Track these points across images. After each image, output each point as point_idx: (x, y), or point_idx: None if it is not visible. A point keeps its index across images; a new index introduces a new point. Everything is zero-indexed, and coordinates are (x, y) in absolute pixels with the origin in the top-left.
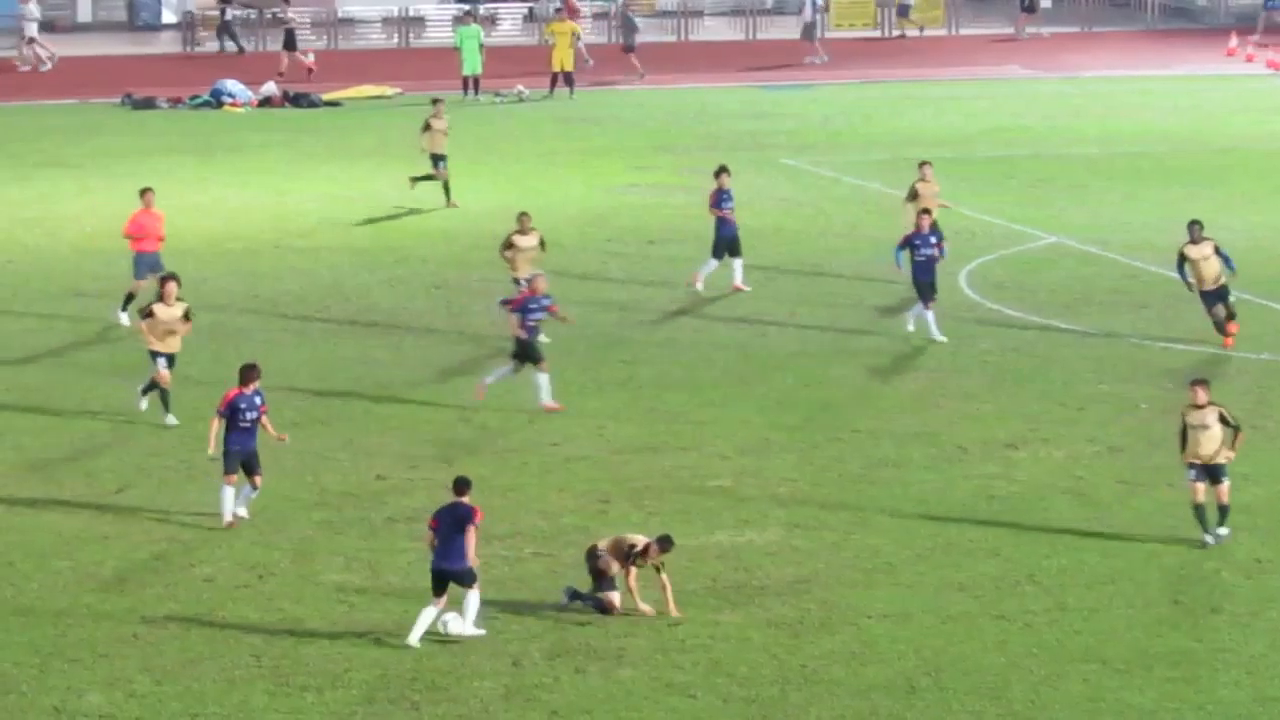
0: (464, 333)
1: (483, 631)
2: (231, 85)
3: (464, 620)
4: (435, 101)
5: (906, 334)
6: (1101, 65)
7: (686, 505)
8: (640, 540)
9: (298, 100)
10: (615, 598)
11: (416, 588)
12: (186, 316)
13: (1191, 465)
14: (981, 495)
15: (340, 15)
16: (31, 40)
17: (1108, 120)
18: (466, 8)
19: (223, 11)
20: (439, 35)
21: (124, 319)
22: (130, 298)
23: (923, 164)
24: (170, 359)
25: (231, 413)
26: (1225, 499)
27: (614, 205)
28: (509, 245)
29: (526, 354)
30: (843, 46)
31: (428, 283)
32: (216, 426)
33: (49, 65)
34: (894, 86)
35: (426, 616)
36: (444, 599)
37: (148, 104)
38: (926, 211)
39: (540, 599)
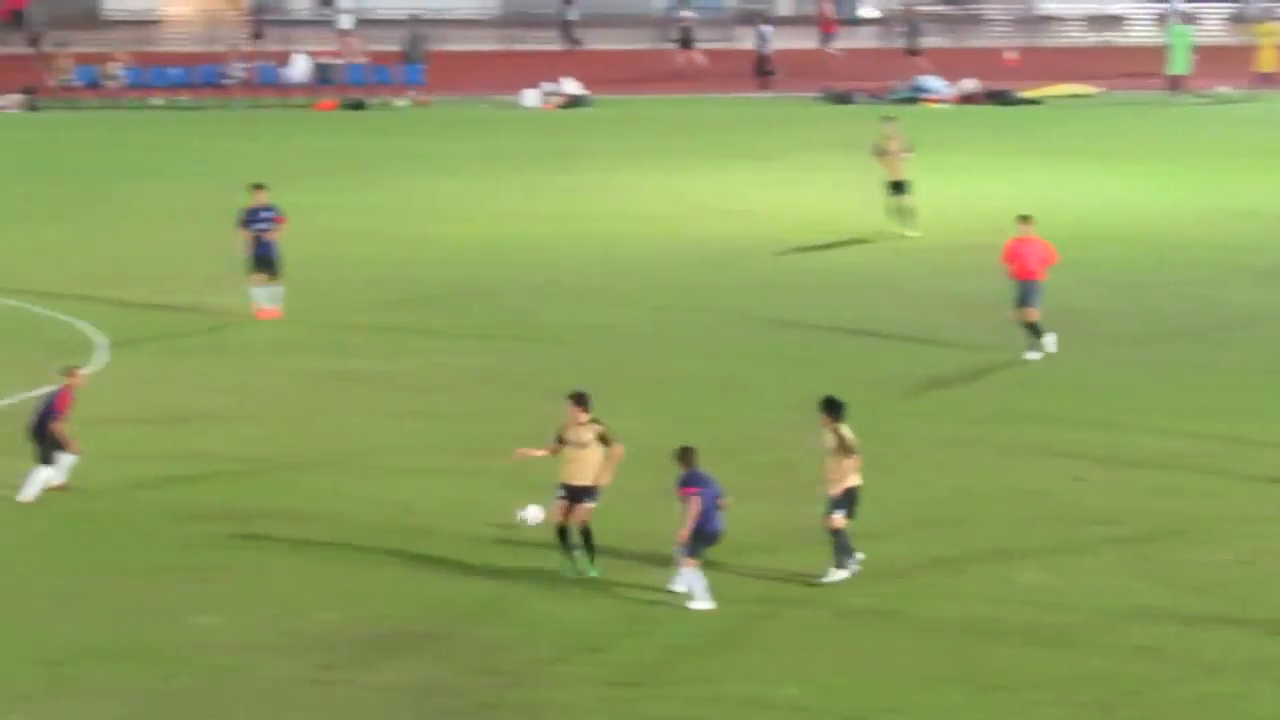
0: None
1: None
2: (931, 81)
3: None
4: None
5: None
6: None
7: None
8: None
9: (999, 98)
10: None
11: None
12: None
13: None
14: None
15: (1038, 13)
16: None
17: None
18: (1176, 7)
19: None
20: (1138, 34)
21: (1042, 349)
22: (1032, 327)
23: None
24: None
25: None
26: None
27: None
28: None
29: None
30: None
31: (1113, 283)
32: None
33: None
34: None
35: None
36: None
37: (846, 98)
38: None
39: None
